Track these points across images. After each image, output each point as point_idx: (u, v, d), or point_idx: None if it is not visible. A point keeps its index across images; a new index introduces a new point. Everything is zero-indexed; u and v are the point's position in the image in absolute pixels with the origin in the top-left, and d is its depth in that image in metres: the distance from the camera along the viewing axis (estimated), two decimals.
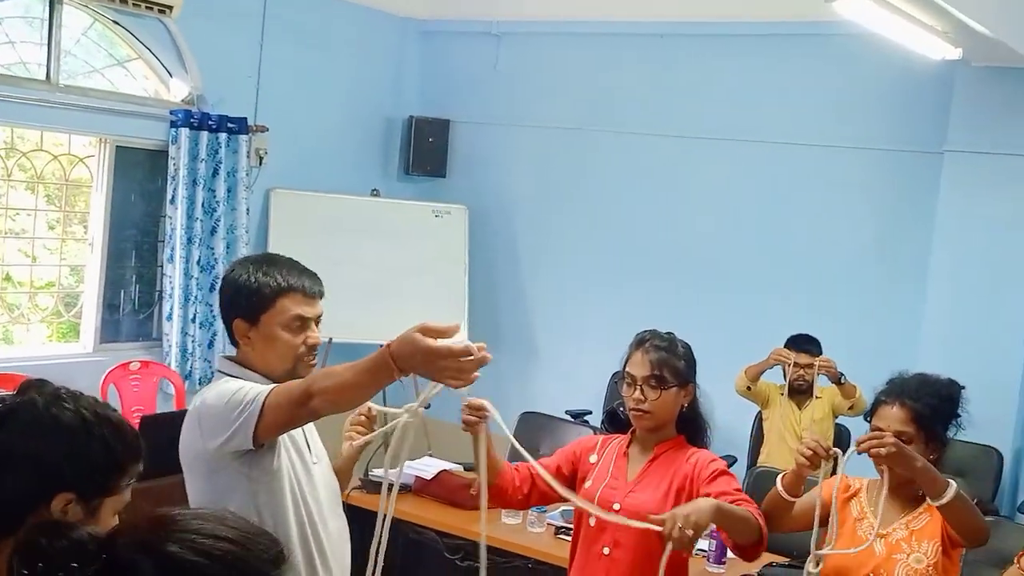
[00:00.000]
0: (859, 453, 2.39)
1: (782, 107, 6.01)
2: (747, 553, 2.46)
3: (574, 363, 6.56)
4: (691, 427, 2.63)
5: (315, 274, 2.41)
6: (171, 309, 5.83)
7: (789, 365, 4.91)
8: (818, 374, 4.90)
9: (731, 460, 5.57)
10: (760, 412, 5.35)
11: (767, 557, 3.53)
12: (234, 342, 2.33)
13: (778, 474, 4.00)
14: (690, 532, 2.14)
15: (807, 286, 5.95)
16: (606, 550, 2.52)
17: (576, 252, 6.75)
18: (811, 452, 2.38)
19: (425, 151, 7.02)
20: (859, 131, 5.78)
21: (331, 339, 6.32)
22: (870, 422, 2.55)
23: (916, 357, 4.90)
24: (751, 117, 6.10)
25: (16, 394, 1.46)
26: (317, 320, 2.34)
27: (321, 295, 2.36)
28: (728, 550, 3.38)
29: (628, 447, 2.62)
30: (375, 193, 6.92)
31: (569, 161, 6.78)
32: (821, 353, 5.03)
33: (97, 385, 5.12)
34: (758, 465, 4.96)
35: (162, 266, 5.98)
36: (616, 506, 2.51)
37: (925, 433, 2.47)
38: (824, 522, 2.47)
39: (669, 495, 2.48)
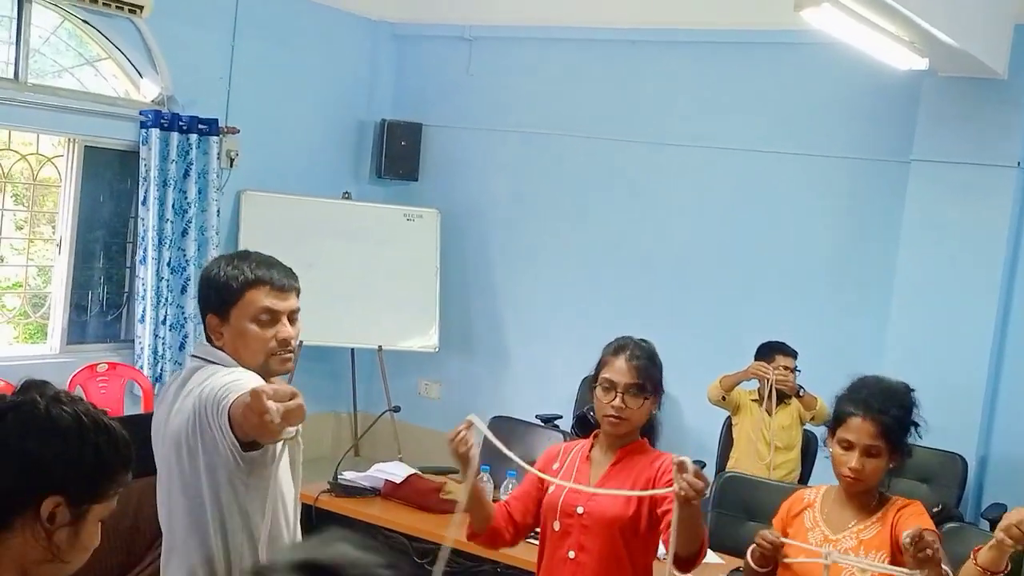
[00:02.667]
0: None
1: (751, 114, 6.06)
2: (683, 565, 2.44)
3: (545, 367, 6.58)
4: (651, 430, 2.65)
5: (288, 268, 2.38)
6: (143, 311, 5.80)
7: (767, 381, 4.94)
8: (773, 387, 4.93)
9: (699, 464, 5.59)
10: (730, 417, 5.38)
11: (733, 562, 3.56)
12: (208, 339, 2.31)
13: (743, 481, 4.05)
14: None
15: (774, 291, 6.00)
16: (571, 554, 2.52)
17: (548, 256, 6.77)
18: (771, 545, 2.39)
19: (397, 154, 7.02)
20: (827, 139, 5.84)
21: (301, 342, 6.30)
22: (834, 430, 2.55)
23: (881, 363, 4.95)
24: (720, 124, 6.15)
25: (17, 393, 1.46)
26: (291, 315, 2.30)
27: (294, 290, 2.33)
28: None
29: (591, 451, 2.63)
30: (347, 196, 6.91)
31: (541, 165, 6.80)
32: (796, 356, 5.08)
33: (63, 386, 5.07)
34: (727, 470, 4.98)
35: (132, 267, 5.95)
36: (580, 509, 2.52)
37: (892, 445, 2.48)
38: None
39: (631, 499, 2.50)
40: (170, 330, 5.85)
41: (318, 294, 6.39)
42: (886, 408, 2.47)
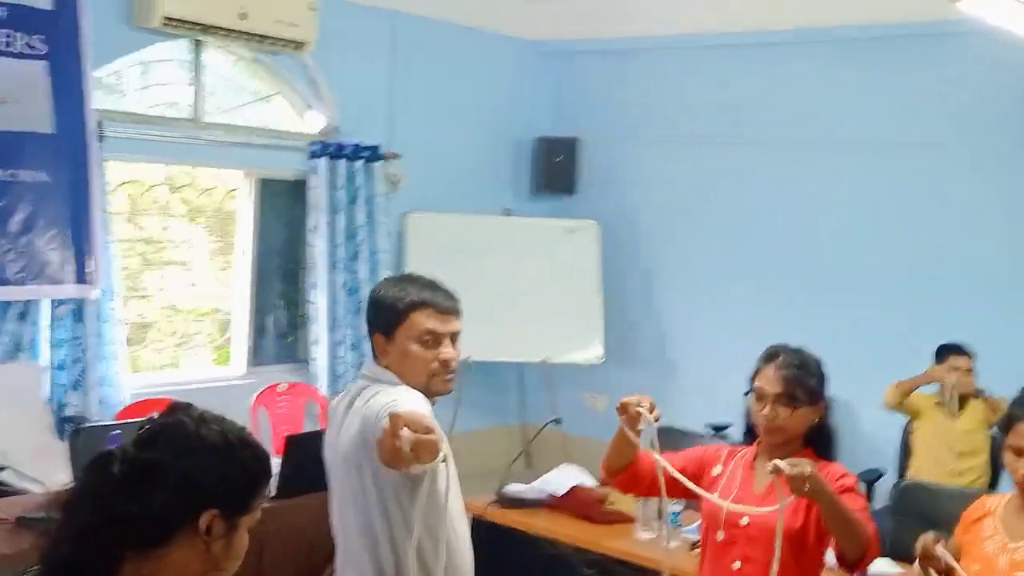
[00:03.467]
0: None
1: (908, 110, 5.85)
2: (848, 565, 2.40)
3: (712, 376, 6.48)
4: (820, 439, 2.57)
5: (451, 292, 2.45)
6: (317, 332, 6.05)
7: (948, 385, 4.73)
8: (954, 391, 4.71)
9: (876, 474, 5.40)
10: (908, 424, 5.17)
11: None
12: (376, 357, 2.40)
13: (922, 488, 3.88)
14: (807, 473, 2.17)
15: (950, 291, 5.73)
16: (736, 565, 2.48)
17: (709, 264, 6.68)
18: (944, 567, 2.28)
19: (554, 169, 7.09)
20: (989, 132, 5.55)
21: (470, 358, 6.43)
22: (1006, 436, 2.43)
23: None
24: (878, 121, 5.95)
25: (164, 415, 1.55)
26: (453, 337, 2.37)
27: (457, 312, 2.40)
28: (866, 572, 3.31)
29: (755, 459, 2.58)
30: (507, 212, 7.02)
31: (697, 174, 6.73)
32: (973, 357, 4.85)
33: (247, 407, 5.36)
34: (907, 478, 4.79)
35: (305, 291, 6.21)
36: (744, 520, 2.48)
37: None
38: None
39: (799, 509, 2.44)
40: (351, 349, 6.06)
41: (483, 310, 6.53)
42: None
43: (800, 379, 2.51)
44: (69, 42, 4.91)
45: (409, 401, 2.15)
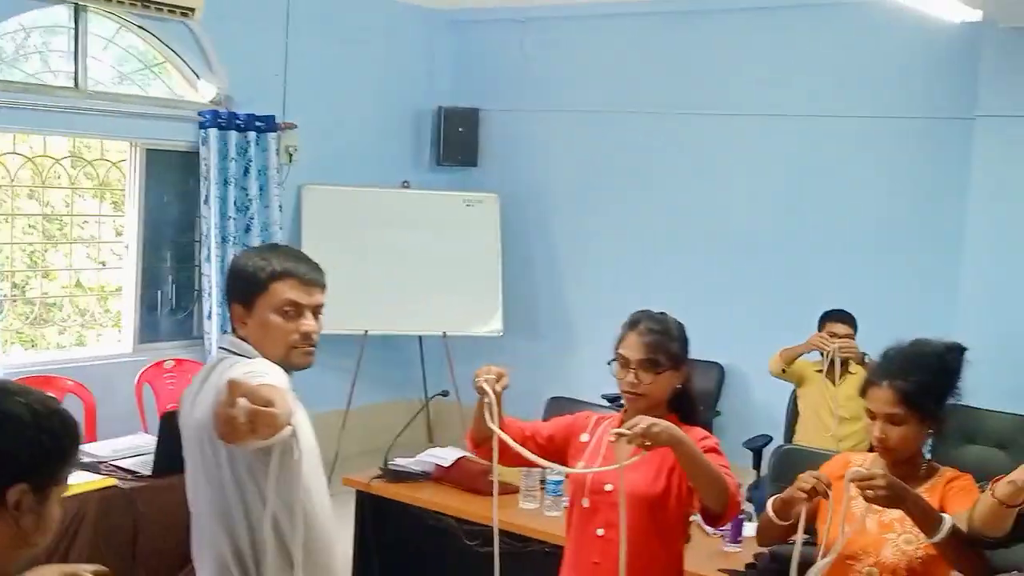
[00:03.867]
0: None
1: (808, 79, 5.94)
2: (712, 519, 2.44)
3: (610, 348, 6.50)
4: (684, 406, 2.59)
5: (316, 264, 2.38)
6: (210, 308, 5.92)
7: (828, 352, 4.82)
8: (838, 356, 4.80)
9: (765, 439, 5.51)
10: (795, 390, 5.27)
11: None
12: (234, 328, 2.34)
13: (800, 453, 3.95)
14: (645, 427, 2.20)
15: (840, 259, 5.87)
16: (600, 531, 2.49)
17: (610, 235, 6.71)
18: (809, 487, 2.29)
19: (455, 141, 7.04)
20: (887, 100, 5.68)
21: (367, 331, 6.38)
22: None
23: (952, 327, 4.78)
24: (778, 91, 6.03)
25: None
26: (316, 309, 2.30)
27: (320, 285, 2.32)
28: (741, 530, 3.37)
29: (619, 427, 2.58)
30: (405, 185, 6.95)
31: (600, 144, 6.74)
32: (856, 326, 4.94)
33: (132, 384, 5.23)
34: (792, 444, 4.88)
35: (199, 265, 6.08)
36: (608, 487, 2.49)
37: (917, 412, 2.38)
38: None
39: (661, 473, 2.46)
40: None
41: (381, 283, 6.50)
42: (907, 374, 2.38)
43: (662, 344, 2.52)
44: None
45: (266, 374, 2.09)
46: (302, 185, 6.44)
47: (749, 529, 3.41)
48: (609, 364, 2.60)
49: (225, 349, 2.29)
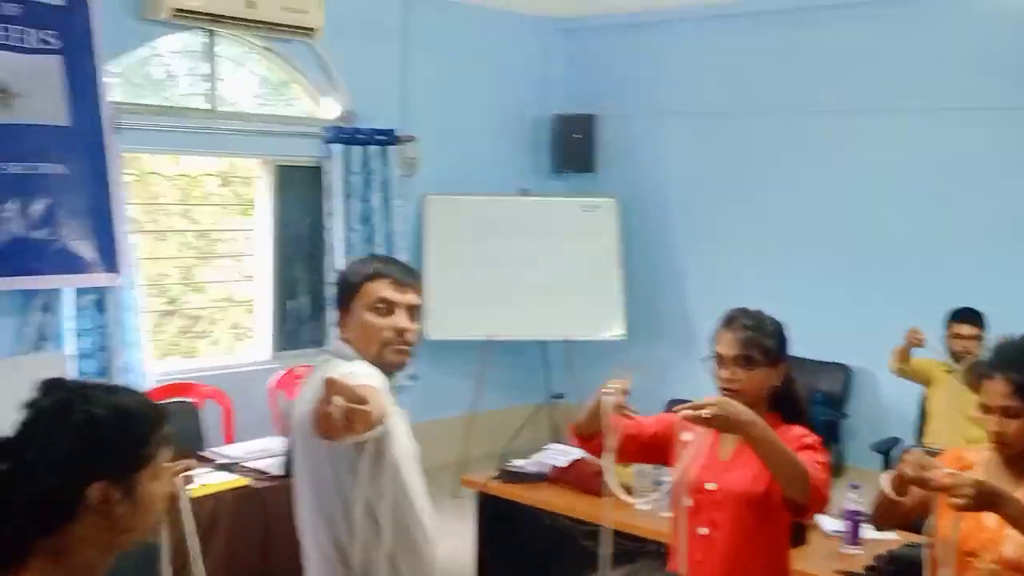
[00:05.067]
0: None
1: (932, 72, 5.77)
2: (797, 511, 2.40)
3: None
4: (786, 404, 2.57)
5: (412, 269, 2.49)
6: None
7: (918, 342, 4.75)
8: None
9: (894, 442, 5.36)
10: (924, 390, 5.13)
11: (911, 537, 3.40)
12: (340, 335, 2.44)
13: (930, 452, 3.85)
14: (715, 411, 2.24)
15: (972, 256, 5.67)
16: (703, 530, 2.50)
17: (732, 236, 6.66)
18: (907, 477, 2.26)
19: (572, 147, 7.10)
20: (1018, 90, 5.46)
21: (490, 337, 6.49)
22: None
23: None
24: (901, 85, 5.88)
25: (37, 397, 1.54)
26: (411, 309, 2.39)
27: (414, 287, 2.41)
28: (860, 532, 3.31)
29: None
30: (524, 192, 7.04)
31: (718, 145, 6.70)
32: (984, 325, 4.79)
33: (265, 390, 5.47)
34: (923, 446, 4.75)
35: (326, 276, 6.29)
36: (711, 486, 2.50)
37: None
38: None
39: (763, 475, 2.44)
40: None
41: (504, 290, 6.61)
42: (1021, 365, 2.31)
43: (756, 340, 2.52)
44: (81, 36, 5.01)
45: (363, 375, 2.18)
46: (423, 195, 6.60)
47: (868, 531, 3.35)
48: (704, 362, 2.60)
49: (328, 351, 2.41)
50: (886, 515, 2.46)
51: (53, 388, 1.55)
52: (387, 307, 2.35)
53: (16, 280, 4.84)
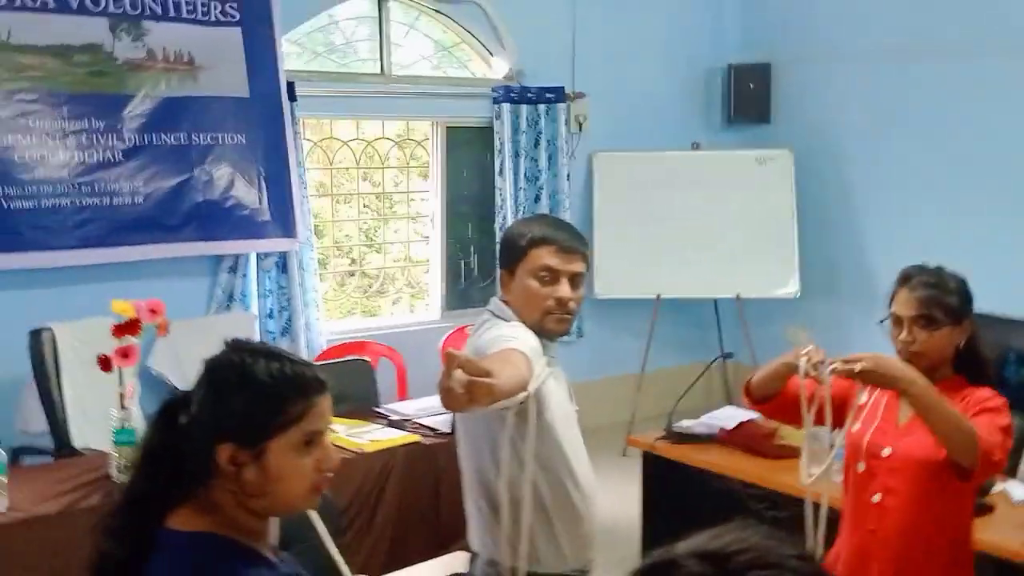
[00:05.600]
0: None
1: None
2: (963, 474, 2.27)
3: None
4: (970, 366, 2.41)
5: (579, 233, 2.45)
6: None
7: None
8: None
9: None
10: None
11: None
12: (501, 296, 2.44)
13: None
14: (865, 365, 2.18)
15: None
16: (876, 497, 2.39)
17: (913, 188, 6.31)
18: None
19: (747, 97, 6.88)
20: None
21: (660, 295, 6.41)
22: None
23: None
24: None
25: (217, 354, 1.60)
26: (573, 277, 2.35)
27: (580, 253, 2.37)
28: None
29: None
30: (696, 146, 6.88)
31: (898, 91, 6.34)
32: None
33: (437, 348, 5.59)
34: None
35: (496, 235, 6.35)
36: (886, 451, 2.38)
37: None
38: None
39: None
40: None
41: (675, 247, 6.50)
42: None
43: (936, 298, 2.37)
44: (260, 7, 5.20)
45: (514, 338, 2.18)
46: (593, 153, 6.55)
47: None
48: (881, 323, 2.47)
49: (489, 310, 2.41)
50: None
51: (227, 348, 1.60)
52: (551, 275, 2.33)
53: (199, 245, 5.10)
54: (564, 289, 2.33)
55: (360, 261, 6.33)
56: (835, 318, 6.51)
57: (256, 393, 1.54)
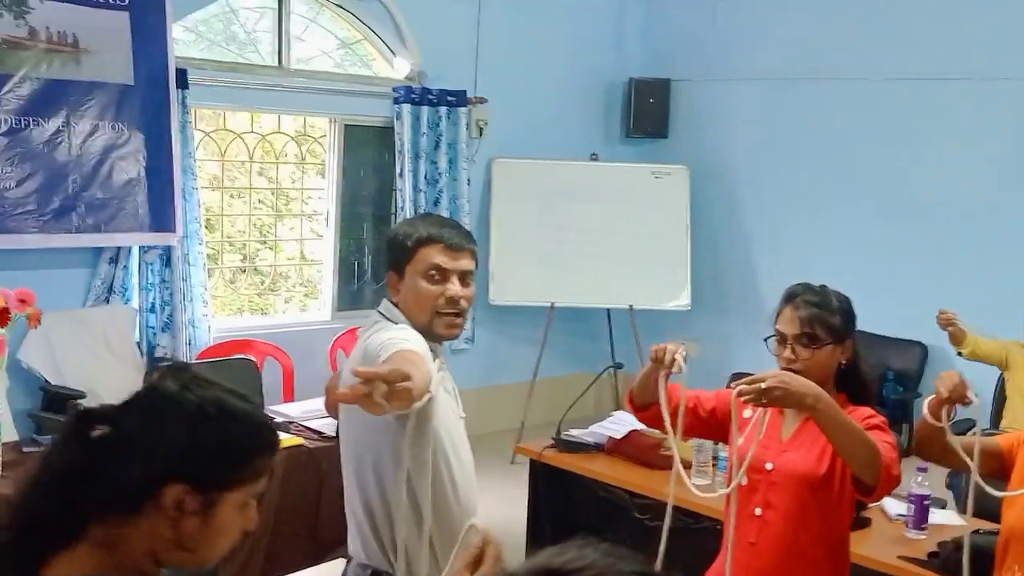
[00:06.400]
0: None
1: (1015, 38, 5.49)
2: (865, 492, 2.28)
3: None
4: (852, 384, 2.45)
5: (466, 231, 2.40)
6: None
7: (950, 326, 4.59)
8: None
9: (969, 424, 5.14)
10: (1002, 374, 4.92)
11: (979, 524, 3.26)
12: (390, 297, 2.38)
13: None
14: (774, 383, 2.15)
15: None
16: (758, 511, 2.40)
17: (804, 208, 6.47)
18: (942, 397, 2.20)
19: (646, 112, 6.95)
20: None
21: (554, 304, 6.41)
22: None
23: None
24: (983, 52, 5.64)
25: (156, 379, 1.43)
26: (463, 275, 2.32)
27: (468, 251, 2.33)
28: (927, 516, 3.18)
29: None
30: (594, 157, 6.92)
31: (795, 113, 6.50)
32: None
33: (327, 349, 5.48)
34: (996, 429, 4.56)
35: None
36: (768, 466, 2.40)
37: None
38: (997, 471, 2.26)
39: (824, 456, 2.34)
40: None
41: (570, 256, 6.52)
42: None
43: (820, 317, 2.39)
44: None
45: (405, 340, 2.13)
46: (492, 158, 6.53)
47: (936, 516, 3.23)
48: (766, 340, 2.49)
49: (379, 312, 2.35)
50: (926, 442, 2.36)
51: (176, 372, 1.42)
52: (440, 274, 2.28)
53: (74, 237, 4.87)
54: (454, 287, 2.29)
55: (253, 258, 6.17)
56: (723, 332, 6.63)
57: (230, 436, 1.37)
